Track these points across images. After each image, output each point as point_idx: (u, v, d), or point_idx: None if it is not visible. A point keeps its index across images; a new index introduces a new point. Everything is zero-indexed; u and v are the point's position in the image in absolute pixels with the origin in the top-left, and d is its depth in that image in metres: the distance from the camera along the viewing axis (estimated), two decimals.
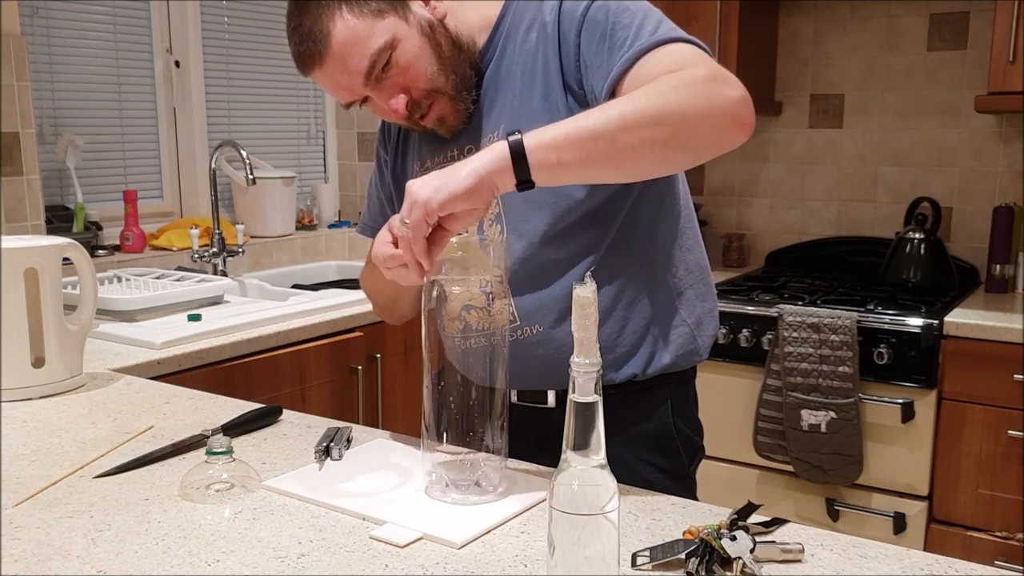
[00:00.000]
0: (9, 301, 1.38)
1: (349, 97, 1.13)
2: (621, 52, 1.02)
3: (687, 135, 0.96)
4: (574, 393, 0.72)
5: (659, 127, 0.94)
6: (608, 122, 0.94)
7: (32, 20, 2.39)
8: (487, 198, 0.95)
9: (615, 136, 0.93)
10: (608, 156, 0.95)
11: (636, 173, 1.03)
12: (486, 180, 0.93)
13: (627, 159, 0.96)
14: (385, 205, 1.34)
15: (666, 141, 0.95)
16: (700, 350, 1.21)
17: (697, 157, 0.99)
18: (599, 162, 0.95)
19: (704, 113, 0.95)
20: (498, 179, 0.94)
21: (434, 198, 0.92)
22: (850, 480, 2.33)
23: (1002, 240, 2.52)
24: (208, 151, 2.77)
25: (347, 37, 1.06)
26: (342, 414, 2.06)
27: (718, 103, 0.95)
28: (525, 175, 0.94)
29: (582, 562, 0.72)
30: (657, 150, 0.96)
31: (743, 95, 0.97)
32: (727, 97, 0.96)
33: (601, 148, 0.94)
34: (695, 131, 0.96)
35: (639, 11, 1.06)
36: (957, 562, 0.86)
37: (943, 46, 2.72)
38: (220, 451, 1.03)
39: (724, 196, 3.15)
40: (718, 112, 0.95)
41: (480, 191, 0.94)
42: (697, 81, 0.96)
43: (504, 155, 0.94)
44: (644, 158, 0.97)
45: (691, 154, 0.99)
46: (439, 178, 0.94)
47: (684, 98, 0.94)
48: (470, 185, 0.93)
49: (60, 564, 0.86)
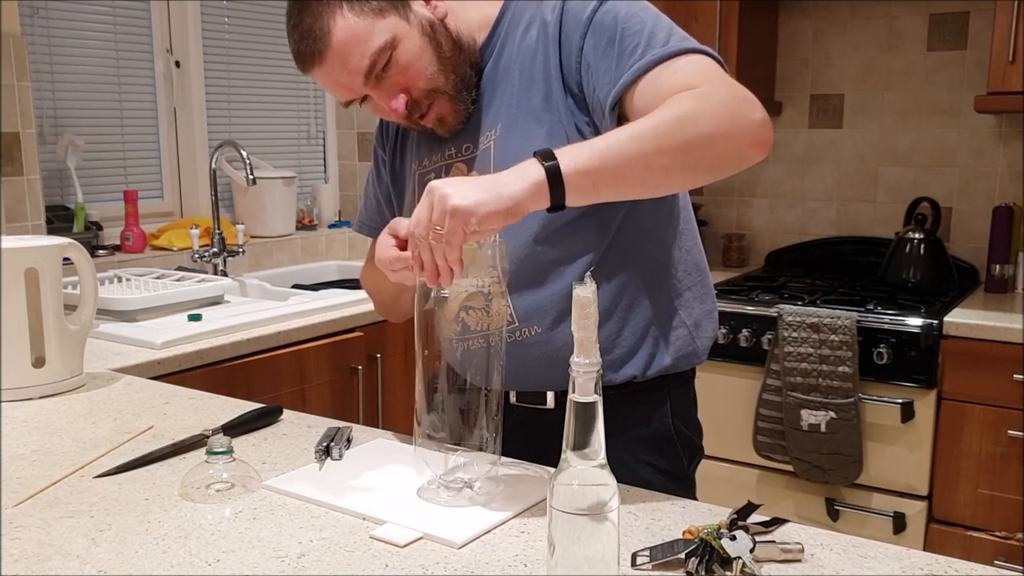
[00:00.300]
0: (9, 301, 1.38)
1: (349, 96, 1.13)
2: (632, 60, 1.03)
3: (714, 157, 0.98)
4: (574, 393, 0.72)
5: (690, 151, 0.96)
6: (642, 145, 0.95)
7: (32, 20, 2.39)
8: (517, 219, 0.95)
9: (648, 160, 0.95)
10: (641, 179, 0.97)
11: (661, 192, 1.05)
12: (522, 205, 0.93)
13: (658, 181, 0.99)
14: (383, 204, 1.34)
15: (696, 164, 0.98)
16: (699, 351, 1.21)
17: (719, 175, 1.02)
18: (631, 184, 0.98)
19: (730, 135, 0.97)
20: (532, 204, 0.94)
21: (475, 212, 0.90)
22: (850, 480, 2.33)
23: (1002, 240, 2.52)
24: (208, 151, 2.78)
25: (348, 35, 1.06)
26: (342, 414, 2.06)
27: (743, 125, 0.98)
28: (560, 200, 0.94)
29: (582, 562, 0.72)
30: (688, 172, 0.99)
31: (764, 116, 0.99)
32: (751, 119, 0.98)
33: (636, 171, 0.96)
34: (721, 153, 0.98)
35: (648, 18, 1.06)
36: (957, 562, 0.86)
37: (943, 46, 2.72)
38: (220, 451, 1.03)
39: (724, 196, 3.15)
40: (742, 133, 0.98)
41: (515, 213, 0.93)
42: (722, 102, 0.98)
43: (541, 181, 0.93)
44: (673, 179, 1.00)
45: (715, 174, 1.01)
46: (478, 192, 0.91)
47: (711, 122, 0.96)
48: (509, 207, 0.92)
49: (60, 564, 0.86)
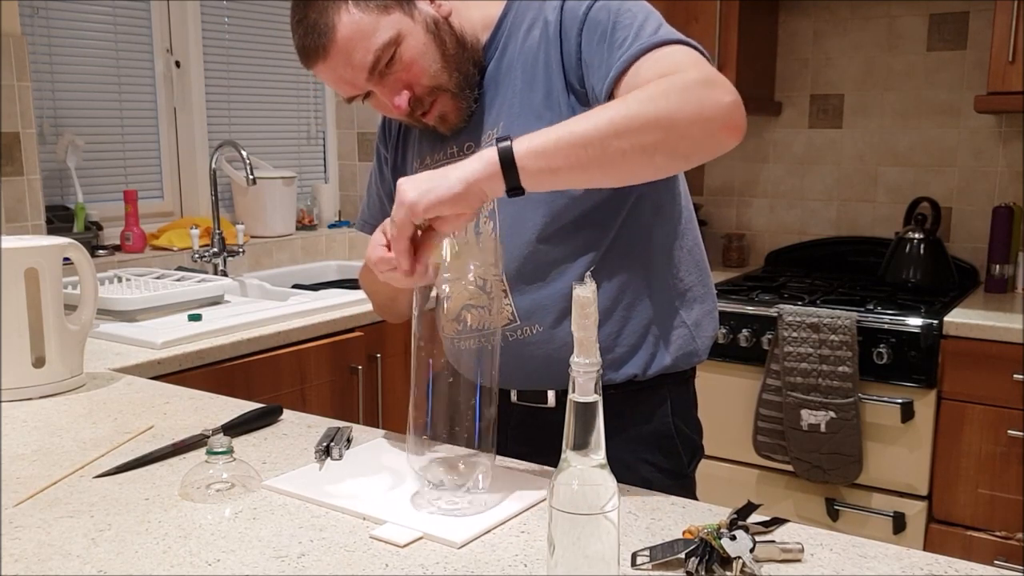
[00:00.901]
0: (9, 301, 1.38)
1: (351, 92, 1.13)
2: (620, 52, 1.02)
3: (677, 140, 0.95)
4: (574, 393, 0.72)
5: (648, 133, 0.93)
6: (598, 128, 0.93)
7: (32, 20, 2.39)
8: (475, 204, 0.95)
9: (605, 142, 0.93)
10: (598, 162, 0.94)
11: (626, 178, 1.02)
12: (474, 187, 0.93)
13: (617, 165, 0.96)
14: (385, 202, 1.34)
15: (656, 146, 0.94)
16: (699, 351, 1.21)
17: (687, 162, 0.99)
18: (589, 168, 0.95)
19: (694, 118, 0.94)
20: (487, 186, 0.94)
21: (420, 201, 0.92)
22: (850, 480, 2.33)
23: (1002, 240, 2.52)
24: (208, 151, 2.78)
25: (352, 31, 1.06)
26: (342, 414, 2.06)
27: (709, 108, 0.95)
28: (515, 182, 0.94)
29: (582, 562, 0.72)
30: (647, 156, 0.95)
31: (734, 99, 0.96)
32: (718, 101, 0.95)
33: (591, 154, 0.94)
34: (685, 136, 0.95)
35: (640, 12, 1.06)
36: (957, 562, 0.86)
37: (943, 46, 2.72)
38: (220, 451, 1.03)
39: (724, 196, 3.15)
40: (708, 117, 0.95)
41: (467, 197, 0.93)
42: (688, 85, 0.95)
43: (493, 162, 0.93)
44: (634, 164, 0.96)
45: (681, 159, 0.99)
46: (428, 181, 0.94)
47: (674, 103, 0.94)
48: (457, 191, 0.93)
49: (60, 564, 0.86)
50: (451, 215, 0.94)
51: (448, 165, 0.96)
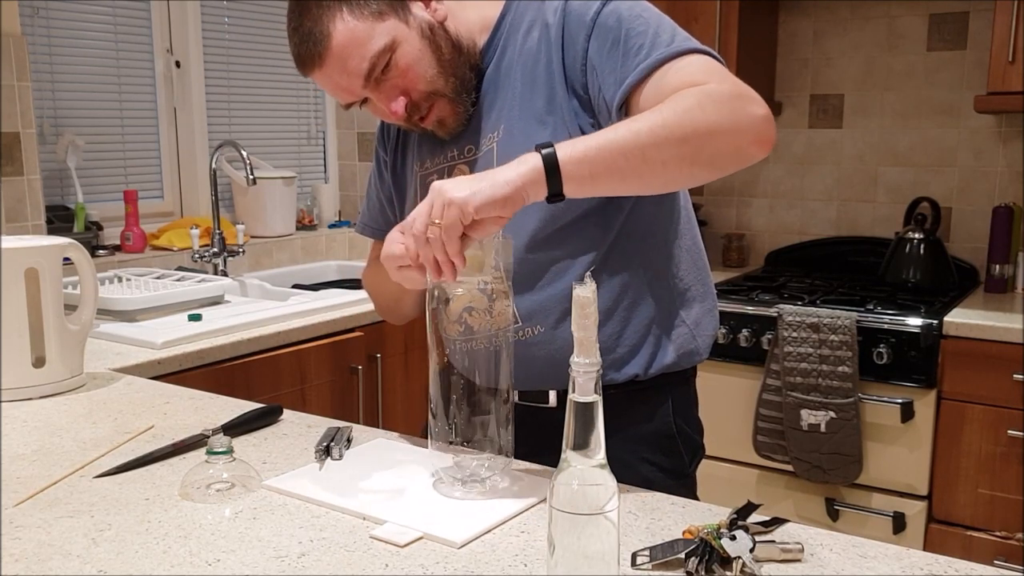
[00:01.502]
0: (9, 301, 1.38)
1: (348, 98, 1.13)
2: (637, 60, 1.03)
3: (713, 152, 0.98)
4: (574, 393, 0.72)
5: (687, 144, 0.96)
6: (639, 138, 0.95)
7: (32, 20, 2.39)
8: (517, 208, 0.96)
9: (645, 152, 0.95)
10: (637, 171, 0.97)
11: (662, 187, 1.05)
12: (521, 190, 0.94)
13: (655, 174, 0.98)
14: (385, 206, 1.34)
15: (694, 158, 0.97)
16: (700, 350, 1.21)
17: (721, 172, 1.01)
18: (628, 177, 0.98)
19: (730, 131, 0.97)
20: (531, 190, 0.95)
21: (471, 201, 0.92)
22: (850, 480, 2.33)
23: (1001, 240, 2.52)
24: (208, 151, 2.78)
25: (347, 39, 1.06)
26: (342, 414, 2.06)
27: (744, 121, 0.97)
28: (557, 188, 0.96)
29: (582, 562, 0.72)
30: (685, 166, 0.98)
31: (766, 112, 0.99)
32: (753, 115, 0.98)
33: (631, 163, 0.96)
34: (721, 148, 0.98)
35: (652, 19, 1.06)
36: (957, 562, 0.86)
37: (943, 46, 2.72)
38: (220, 451, 1.03)
39: (724, 196, 3.15)
40: (743, 130, 0.98)
41: (514, 200, 0.95)
42: (724, 98, 0.97)
43: (538, 168, 0.95)
44: (671, 173, 0.99)
45: (716, 170, 1.01)
46: (474, 183, 0.94)
47: (711, 116, 0.96)
48: (506, 194, 0.94)
49: (60, 564, 0.86)
50: (489, 219, 0.95)
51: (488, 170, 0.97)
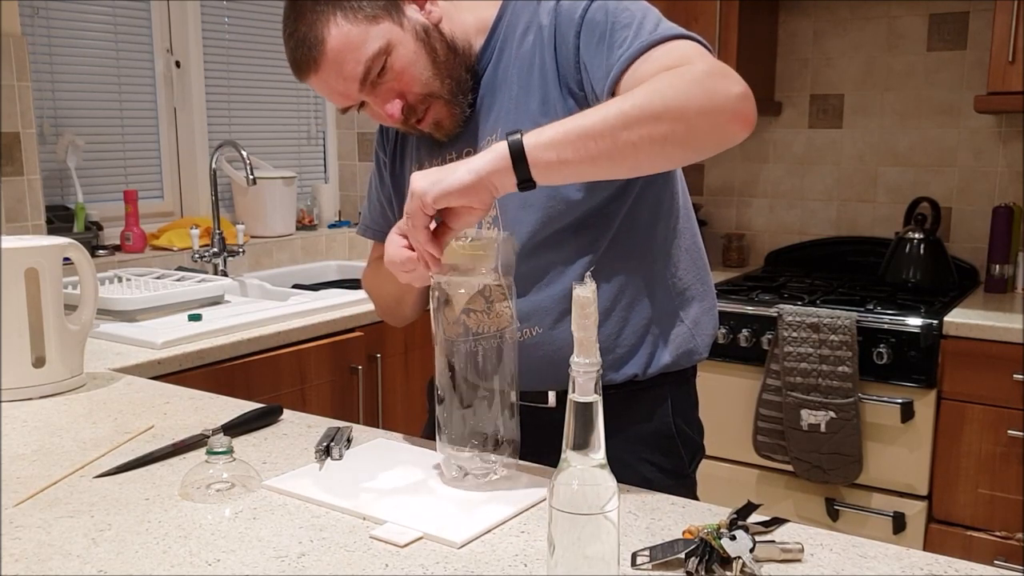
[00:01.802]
0: (9, 301, 1.38)
1: (345, 102, 1.13)
2: (621, 51, 1.02)
3: (687, 131, 0.95)
4: (574, 393, 0.72)
5: (659, 124, 0.93)
6: (607, 120, 0.94)
7: (32, 20, 2.39)
8: (485, 197, 0.95)
9: (615, 134, 0.93)
10: (608, 154, 0.94)
11: (636, 169, 1.02)
12: (485, 179, 0.94)
13: (627, 156, 0.95)
14: (385, 207, 1.34)
15: (666, 137, 0.94)
16: (699, 349, 1.21)
17: (698, 153, 0.99)
18: (599, 160, 0.95)
19: (704, 109, 0.94)
20: (497, 179, 0.94)
21: (430, 191, 0.94)
22: (850, 480, 2.33)
23: (1001, 240, 2.52)
24: (208, 151, 2.78)
25: (342, 43, 1.06)
26: (342, 414, 2.06)
27: (719, 99, 0.95)
28: (525, 174, 0.94)
29: (582, 562, 0.72)
30: (657, 146, 0.95)
31: (744, 90, 0.96)
32: (727, 92, 0.95)
33: (601, 146, 0.94)
34: (695, 127, 0.95)
35: (638, 11, 1.05)
36: (957, 562, 0.86)
37: (943, 46, 2.72)
38: (220, 451, 1.03)
39: (724, 196, 3.15)
40: (718, 107, 0.95)
41: (477, 189, 0.94)
42: (697, 77, 0.95)
43: (504, 155, 0.94)
44: (644, 155, 0.96)
45: (692, 150, 0.98)
46: (438, 172, 0.96)
47: (683, 94, 0.94)
48: (468, 182, 0.93)
49: (60, 564, 0.86)
50: (462, 209, 0.95)
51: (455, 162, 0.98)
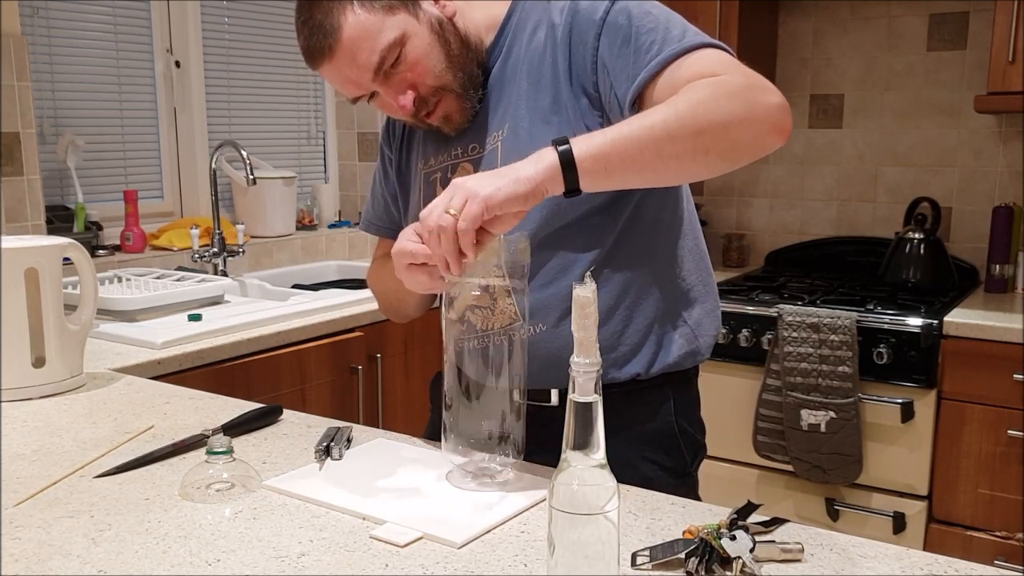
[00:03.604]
0: (9, 301, 1.38)
1: (357, 92, 1.13)
2: (649, 56, 1.03)
3: (729, 144, 0.98)
4: (574, 393, 0.72)
5: (702, 137, 0.96)
6: (653, 132, 0.96)
7: (32, 20, 2.39)
8: (537, 203, 0.97)
9: (660, 146, 0.96)
10: (652, 165, 0.97)
11: (677, 179, 1.06)
12: (540, 186, 0.95)
13: (670, 167, 0.98)
14: (390, 203, 1.35)
15: (708, 150, 0.97)
16: (701, 350, 1.21)
17: (736, 163, 1.01)
18: (644, 170, 0.98)
19: (745, 121, 0.97)
20: (549, 186, 0.96)
21: (495, 196, 0.93)
22: (850, 480, 2.33)
23: (1002, 240, 2.52)
24: (208, 151, 2.77)
25: (357, 32, 1.07)
26: (342, 414, 2.06)
27: (760, 111, 0.97)
28: (574, 183, 0.96)
29: (582, 562, 0.72)
30: (700, 158, 0.98)
31: (782, 101, 0.99)
32: (768, 104, 0.98)
33: (647, 157, 0.96)
34: (737, 139, 0.98)
35: (662, 16, 1.07)
36: (957, 562, 0.86)
37: (943, 46, 2.72)
38: (220, 451, 1.03)
39: (724, 196, 3.15)
40: (759, 120, 0.98)
41: (535, 195, 0.95)
42: (737, 90, 0.98)
43: (555, 164, 0.95)
44: (686, 166, 0.99)
45: (731, 161, 1.01)
46: (495, 178, 0.95)
47: (725, 107, 0.96)
48: (527, 190, 0.94)
49: (60, 564, 0.86)
50: (508, 215, 0.96)
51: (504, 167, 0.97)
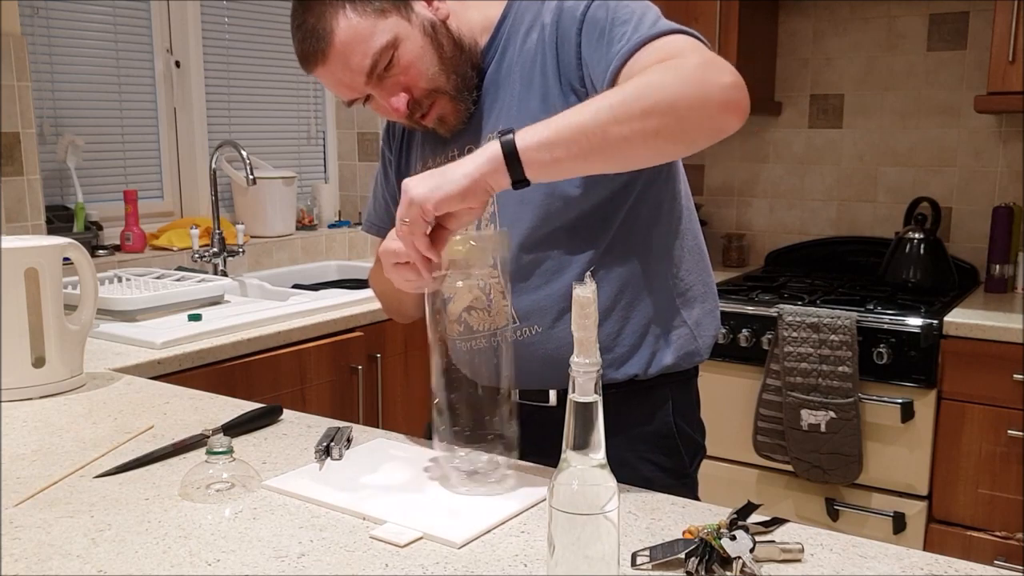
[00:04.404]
0: (9, 301, 1.38)
1: (351, 95, 1.13)
2: (620, 45, 1.03)
3: (678, 123, 0.95)
4: (574, 393, 0.72)
5: (649, 118, 0.93)
6: (598, 115, 0.94)
7: (32, 20, 2.39)
8: (482, 198, 0.96)
9: (606, 129, 0.93)
10: (600, 149, 0.94)
11: (630, 164, 1.02)
12: (480, 181, 0.94)
13: (620, 151, 0.96)
14: (389, 204, 1.35)
15: (657, 131, 0.94)
16: (700, 350, 1.21)
17: (691, 146, 0.99)
18: (591, 156, 0.95)
19: (694, 101, 0.94)
20: (492, 179, 0.94)
21: (430, 198, 0.93)
22: (850, 480, 2.33)
23: (1002, 240, 2.52)
24: (208, 151, 2.78)
25: (350, 35, 1.07)
26: (342, 414, 2.06)
27: (709, 89, 0.94)
28: (519, 174, 0.95)
29: (582, 562, 0.72)
30: (649, 140, 0.95)
31: (734, 79, 0.95)
32: (716, 82, 0.95)
33: (593, 142, 0.94)
34: (685, 119, 0.95)
35: (638, 8, 1.06)
36: (957, 562, 0.86)
37: (943, 46, 2.72)
38: (220, 451, 1.03)
39: (724, 196, 3.15)
40: (708, 98, 0.94)
41: (474, 191, 0.94)
42: (686, 68, 0.95)
43: (497, 155, 0.94)
44: (636, 149, 0.96)
45: (683, 143, 0.98)
46: (434, 178, 0.95)
47: (672, 86, 0.94)
48: (464, 186, 0.93)
49: (60, 564, 0.86)
50: (460, 211, 0.95)
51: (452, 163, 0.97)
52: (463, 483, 1.02)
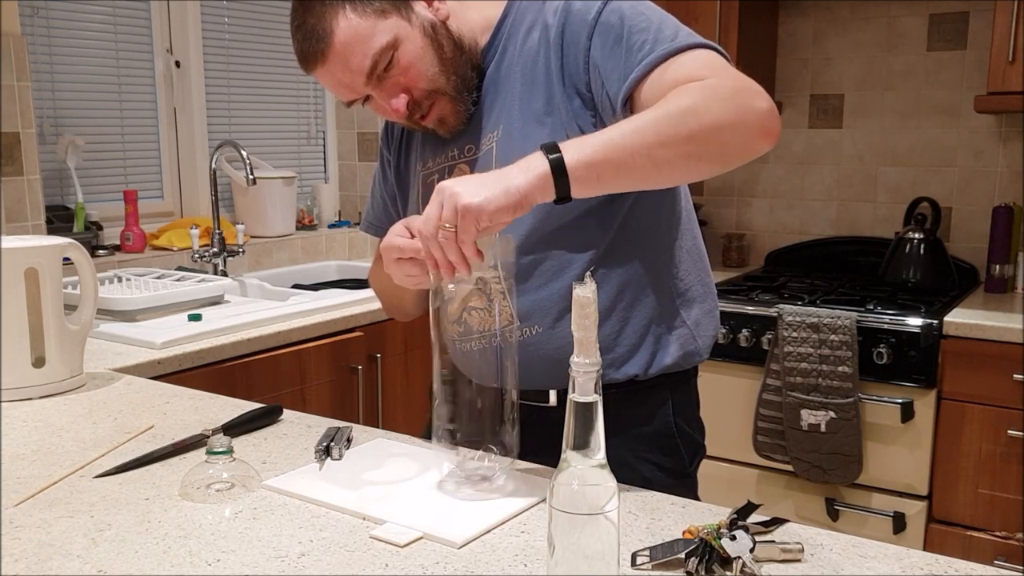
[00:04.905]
0: (9, 301, 1.38)
1: (350, 95, 1.13)
2: (640, 55, 1.03)
3: (719, 148, 0.99)
4: (574, 393, 0.72)
5: (693, 142, 0.96)
6: (645, 138, 0.96)
7: (32, 20, 2.39)
8: (526, 212, 0.96)
9: (651, 152, 0.96)
10: (643, 171, 0.97)
11: (665, 183, 1.06)
12: (529, 197, 0.95)
13: (661, 172, 0.99)
14: (389, 204, 1.35)
15: (700, 156, 0.98)
16: (700, 350, 1.21)
17: (726, 167, 1.02)
18: (635, 176, 0.98)
19: (736, 126, 0.98)
20: (539, 195, 0.95)
21: (485, 209, 0.92)
22: (850, 480, 2.33)
23: (1002, 240, 2.52)
24: (208, 151, 2.78)
25: (350, 36, 1.07)
26: (342, 414, 2.06)
27: (749, 116, 0.98)
28: (565, 191, 0.95)
29: (582, 562, 0.72)
30: (691, 163, 0.99)
31: (770, 105, 0.99)
32: (757, 109, 0.98)
33: (638, 163, 0.96)
34: (726, 144, 0.99)
35: (654, 16, 1.07)
36: (957, 562, 0.86)
37: (943, 46, 2.72)
38: (220, 451, 1.03)
39: (724, 196, 3.15)
40: (748, 124, 0.98)
41: (524, 206, 0.95)
42: (727, 94, 0.98)
43: (546, 173, 0.94)
44: (678, 171, 1.00)
45: (720, 165, 1.01)
46: (484, 188, 0.93)
47: (716, 112, 0.96)
48: (516, 201, 0.94)
49: (60, 564, 0.86)
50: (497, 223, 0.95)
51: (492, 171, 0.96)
52: (463, 483, 1.02)
